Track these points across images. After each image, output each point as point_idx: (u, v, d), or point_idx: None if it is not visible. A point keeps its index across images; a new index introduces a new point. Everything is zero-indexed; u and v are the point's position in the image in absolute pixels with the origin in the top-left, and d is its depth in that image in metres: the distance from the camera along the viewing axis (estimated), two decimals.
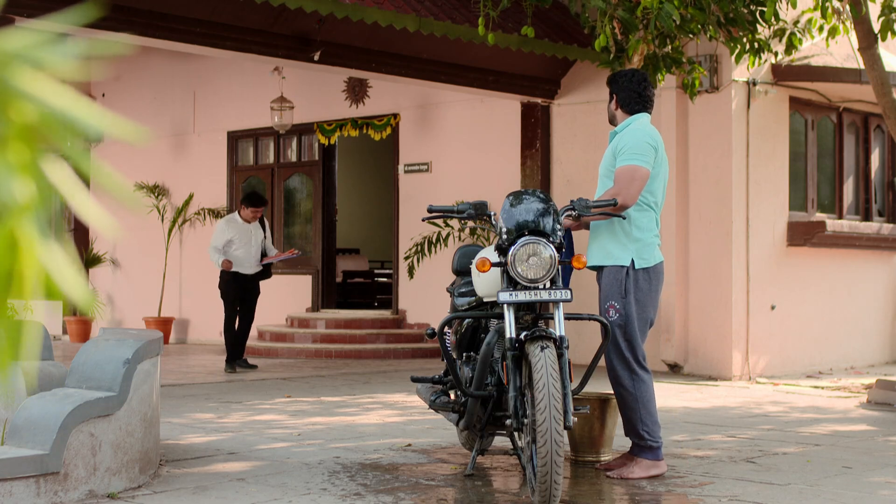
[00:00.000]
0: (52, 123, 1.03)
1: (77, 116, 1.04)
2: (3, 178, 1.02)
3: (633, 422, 5.93)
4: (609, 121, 6.37)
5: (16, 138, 1.03)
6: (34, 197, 1.04)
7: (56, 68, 1.05)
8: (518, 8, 11.30)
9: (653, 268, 5.99)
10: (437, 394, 6.27)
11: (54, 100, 1.03)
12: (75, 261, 1.09)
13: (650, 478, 5.87)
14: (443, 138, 14.55)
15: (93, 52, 1.17)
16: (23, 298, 1.05)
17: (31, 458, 4.94)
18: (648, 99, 6.21)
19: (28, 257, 1.04)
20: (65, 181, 1.07)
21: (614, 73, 6.38)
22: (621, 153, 5.99)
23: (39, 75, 1.04)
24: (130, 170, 17.31)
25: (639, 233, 5.96)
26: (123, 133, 1.14)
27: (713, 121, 11.92)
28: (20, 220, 1.03)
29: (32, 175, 1.04)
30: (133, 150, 17.42)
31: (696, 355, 12.03)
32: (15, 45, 1.04)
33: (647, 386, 5.97)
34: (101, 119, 1.06)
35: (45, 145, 1.05)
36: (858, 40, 10.14)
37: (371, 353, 14.12)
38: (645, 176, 5.92)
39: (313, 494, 5.43)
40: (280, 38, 10.87)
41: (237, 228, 12.31)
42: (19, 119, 1.03)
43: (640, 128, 6.07)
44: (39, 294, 1.05)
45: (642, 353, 6.01)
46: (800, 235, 12.42)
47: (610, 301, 5.93)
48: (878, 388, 9.66)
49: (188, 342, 16.94)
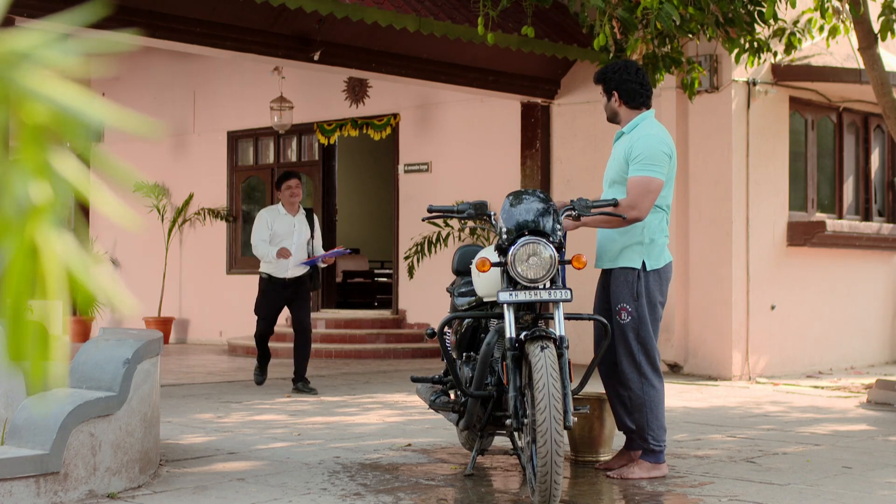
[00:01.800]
0: (63, 122, 1.03)
1: (86, 113, 1.04)
2: (19, 182, 1.02)
3: (640, 425, 5.90)
4: (610, 119, 6.15)
5: (28, 140, 1.03)
6: (50, 198, 1.04)
7: (62, 66, 1.05)
8: (518, 8, 11.29)
9: (663, 268, 5.96)
10: (437, 394, 6.27)
11: (63, 98, 1.03)
12: (96, 258, 1.10)
13: (649, 479, 5.87)
14: (443, 138, 14.55)
15: (97, 50, 1.17)
16: (46, 300, 1.05)
17: (31, 458, 4.94)
18: (650, 89, 6.07)
19: (49, 259, 1.04)
20: (78, 177, 1.07)
21: (604, 69, 6.13)
22: (635, 161, 5.84)
23: (47, 74, 1.04)
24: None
25: (650, 235, 5.90)
26: (135, 126, 1.13)
27: (713, 121, 11.92)
28: (38, 222, 1.03)
29: (47, 176, 1.04)
30: (133, 150, 17.43)
31: (696, 355, 12.03)
32: (21, 45, 1.04)
33: (656, 392, 5.91)
34: (110, 114, 1.06)
35: (57, 144, 1.05)
36: (858, 40, 10.14)
37: (371, 353, 14.12)
38: (659, 187, 5.82)
39: (313, 494, 5.43)
40: (280, 38, 10.87)
41: (279, 220, 9.97)
42: (30, 120, 1.03)
43: (655, 133, 5.92)
44: (63, 294, 1.06)
45: (657, 356, 5.98)
46: (800, 235, 12.42)
47: (622, 303, 5.87)
48: (878, 388, 9.66)
49: (188, 342, 16.94)
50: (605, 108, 6.15)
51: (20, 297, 1.04)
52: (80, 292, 1.05)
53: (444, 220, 13.49)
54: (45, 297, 1.04)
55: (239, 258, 16.78)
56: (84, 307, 1.10)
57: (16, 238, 1.03)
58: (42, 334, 1.06)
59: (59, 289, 1.05)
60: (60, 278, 1.05)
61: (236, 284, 16.49)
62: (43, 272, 1.04)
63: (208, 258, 16.89)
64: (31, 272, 1.03)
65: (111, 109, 1.07)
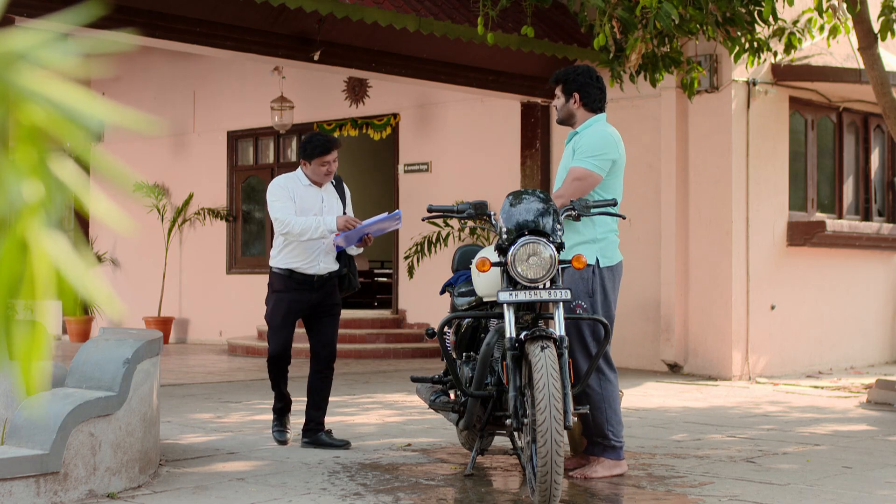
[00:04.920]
0: (59, 122, 1.03)
1: (84, 113, 1.04)
2: (12, 180, 1.02)
3: (599, 421, 5.93)
4: (562, 120, 6.22)
5: (23, 140, 1.03)
6: (43, 198, 1.04)
7: (60, 66, 1.05)
8: (518, 8, 11.29)
9: (615, 266, 6.03)
10: (436, 394, 6.28)
11: (60, 98, 1.03)
12: (89, 258, 1.10)
13: (612, 477, 5.89)
14: (443, 138, 14.55)
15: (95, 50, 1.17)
16: (35, 299, 1.05)
17: (30, 458, 4.94)
18: (605, 95, 6.23)
19: (39, 259, 1.04)
20: (74, 179, 1.07)
21: (567, 71, 6.23)
22: (579, 152, 5.97)
23: (44, 74, 1.04)
24: (130, 170, 17.30)
25: (602, 232, 5.97)
26: (134, 124, 1.13)
27: (713, 121, 11.92)
28: (30, 221, 1.03)
29: (41, 176, 1.04)
30: (133, 151, 17.44)
31: (695, 355, 12.03)
32: (18, 45, 1.04)
33: (612, 385, 5.98)
34: (110, 112, 1.06)
35: (53, 145, 1.05)
36: (858, 40, 10.14)
37: (371, 353, 14.12)
38: (594, 182, 5.94)
39: (313, 494, 5.42)
40: (280, 38, 10.87)
41: (302, 192, 7.02)
42: (26, 120, 1.03)
43: (604, 132, 6.04)
44: (52, 294, 1.05)
45: (609, 351, 6.02)
46: (800, 235, 12.42)
47: (577, 300, 5.91)
48: (878, 388, 9.66)
49: (188, 342, 16.94)
50: (558, 108, 6.22)
51: (8, 296, 1.03)
52: (66, 293, 1.05)
53: (444, 220, 13.49)
54: (33, 297, 1.04)
55: (239, 258, 16.78)
56: (70, 308, 1.10)
57: (6, 236, 1.03)
58: (37, 334, 1.06)
59: (48, 289, 1.04)
60: (49, 278, 1.04)
61: (236, 284, 16.50)
62: (32, 271, 1.04)
63: (208, 258, 16.89)
64: (20, 271, 1.03)
65: (110, 108, 1.07)
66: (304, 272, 6.94)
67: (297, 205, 6.92)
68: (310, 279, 6.95)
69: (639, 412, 8.75)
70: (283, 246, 6.94)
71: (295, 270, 6.93)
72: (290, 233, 6.80)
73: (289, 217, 6.81)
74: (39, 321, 1.09)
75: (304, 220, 6.79)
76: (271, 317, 7.08)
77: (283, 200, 6.90)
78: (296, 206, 6.91)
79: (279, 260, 6.99)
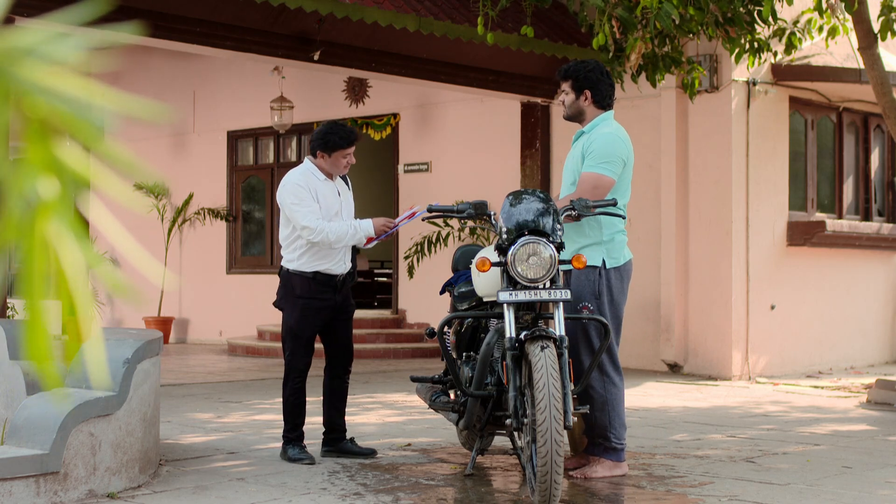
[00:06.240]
0: (67, 116, 1.03)
1: (91, 106, 1.04)
2: (27, 179, 1.02)
3: (601, 423, 5.91)
4: (571, 117, 6.10)
5: (33, 136, 1.03)
6: (60, 194, 1.03)
7: (65, 61, 1.04)
8: (517, 8, 11.29)
9: (623, 266, 5.99)
10: (436, 393, 6.28)
11: (66, 92, 1.03)
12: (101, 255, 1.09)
13: (612, 477, 5.89)
14: (443, 138, 14.55)
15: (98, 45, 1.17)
16: (60, 298, 1.04)
17: (30, 458, 4.94)
18: (614, 91, 6.16)
19: (63, 256, 1.03)
20: (86, 169, 1.07)
21: (576, 66, 6.10)
22: (590, 157, 5.89)
23: (50, 69, 1.04)
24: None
25: (608, 233, 5.95)
26: (141, 112, 1.13)
27: (713, 121, 11.92)
28: (48, 219, 1.03)
29: (54, 171, 1.03)
30: (132, 150, 17.43)
31: (696, 355, 12.03)
32: (23, 41, 1.04)
33: (617, 389, 5.95)
34: (115, 102, 1.06)
35: (62, 139, 1.04)
36: (858, 40, 10.14)
37: (371, 352, 14.12)
38: (608, 186, 5.88)
39: (313, 494, 5.42)
40: (280, 38, 10.87)
41: (320, 189, 6.52)
42: (35, 115, 1.02)
43: (614, 133, 5.98)
44: (84, 291, 1.05)
45: (617, 353, 6.00)
46: (800, 235, 12.42)
47: (583, 302, 5.89)
48: (878, 388, 9.66)
49: (188, 342, 16.94)
50: (567, 105, 6.08)
51: (37, 298, 1.03)
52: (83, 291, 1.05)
53: (444, 220, 13.49)
54: (61, 297, 1.04)
55: (239, 258, 16.78)
56: (115, 294, 1.09)
57: (28, 237, 1.02)
58: (74, 335, 1.06)
59: (80, 286, 1.04)
60: (79, 275, 1.04)
61: (236, 284, 16.50)
62: (60, 271, 1.03)
63: (208, 258, 16.89)
64: (43, 269, 1.03)
65: (116, 97, 1.06)
66: (330, 272, 6.50)
67: (321, 204, 6.42)
68: (332, 279, 6.51)
69: (639, 412, 8.75)
70: (308, 247, 6.41)
71: (321, 272, 6.47)
72: (325, 241, 6.33)
73: (319, 224, 6.31)
74: (74, 321, 1.09)
75: (338, 228, 6.33)
76: (300, 326, 6.52)
77: (307, 204, 6.35)
78: (320, 206, 6.41)
79: (303, 263, 6.46)
